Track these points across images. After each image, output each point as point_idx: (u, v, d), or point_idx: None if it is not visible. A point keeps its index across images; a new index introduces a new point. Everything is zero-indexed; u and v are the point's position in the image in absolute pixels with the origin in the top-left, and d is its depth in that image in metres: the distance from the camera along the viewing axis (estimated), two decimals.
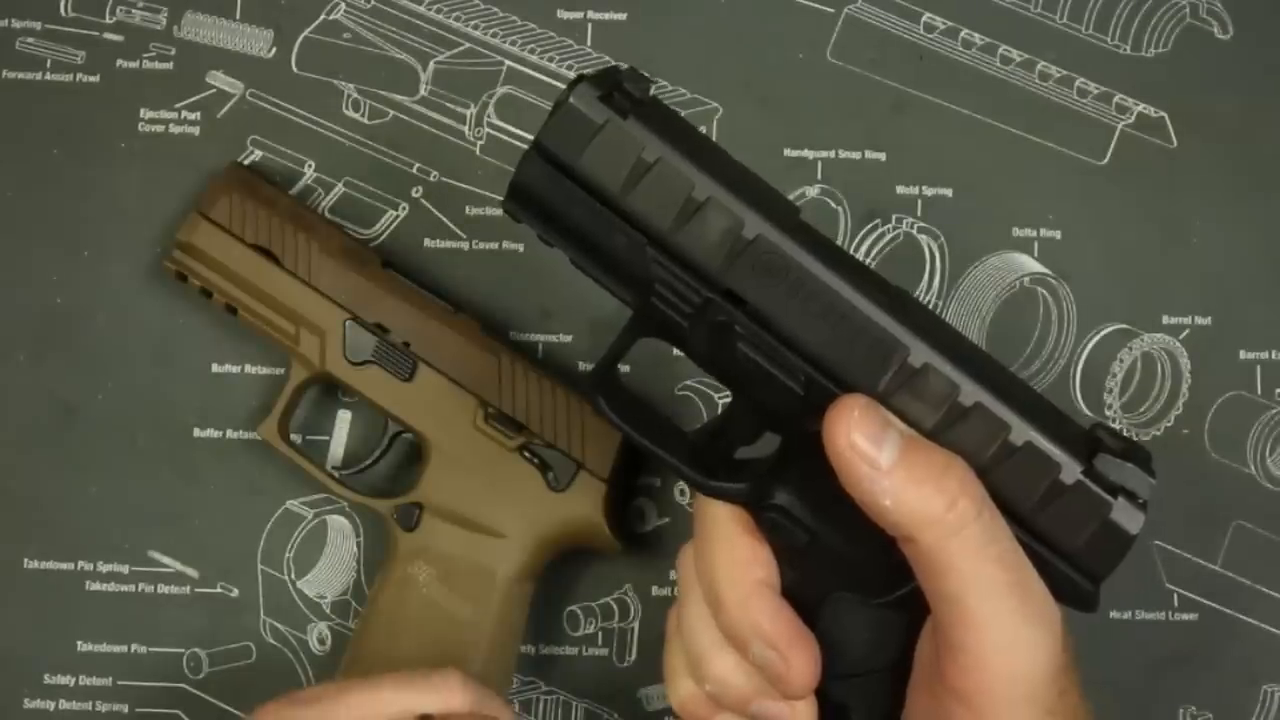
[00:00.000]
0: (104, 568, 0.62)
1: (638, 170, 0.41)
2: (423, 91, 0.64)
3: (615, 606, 0.61)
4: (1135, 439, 0.59)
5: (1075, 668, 0.42)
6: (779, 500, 0.44)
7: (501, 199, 0.44)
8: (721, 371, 0.44)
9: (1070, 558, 0.42)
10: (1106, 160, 0.63)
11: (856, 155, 0.63)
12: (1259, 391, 0.62)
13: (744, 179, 0.43)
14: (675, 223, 0.42)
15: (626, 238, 0.42)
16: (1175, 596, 0.61)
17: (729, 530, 0.45)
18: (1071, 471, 0.42)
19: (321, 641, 0.61)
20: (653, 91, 0.43)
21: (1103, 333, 0.62)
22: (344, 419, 0.62)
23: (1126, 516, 0.42)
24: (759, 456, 0.46)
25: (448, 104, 0.64)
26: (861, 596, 0.44)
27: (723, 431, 0.46)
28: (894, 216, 0.63)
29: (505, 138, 0.63)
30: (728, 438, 0.46)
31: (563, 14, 0.65)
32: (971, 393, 0.41)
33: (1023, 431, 0.42)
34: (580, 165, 0.42)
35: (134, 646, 0.61)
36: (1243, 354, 0.62)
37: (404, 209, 0.63)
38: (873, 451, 0.40)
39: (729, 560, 0.45)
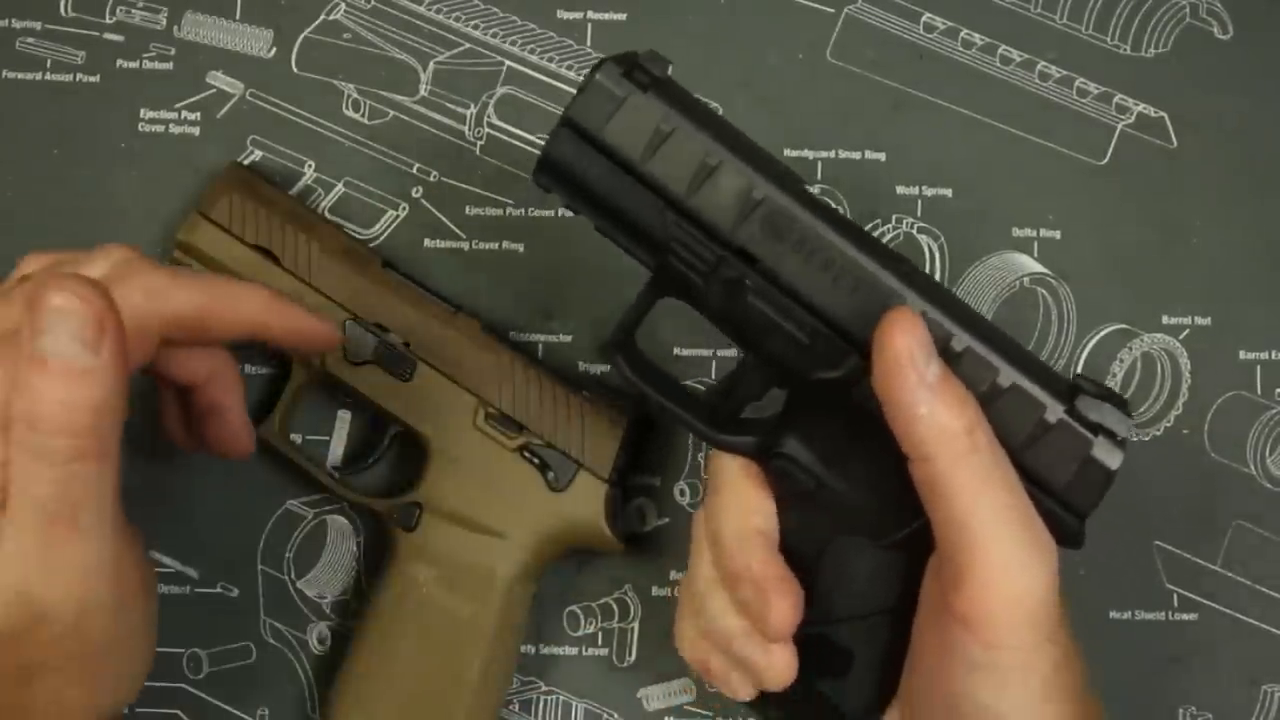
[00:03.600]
0: None
1: (656, 139, 0.45)
2: (423, 91, 0.64)
3: (615, 606, 0.61)
4: (1135, 438, 0.60)
5: (1066, 607, 0.44)
6: (786, 449, 0.48)
7: (530, 174, 0.48)
8: (733, 326, 0.48)
9: (1057, 495, 0.45)
10: (1106, 160, 0.63)
11: (856, 155, 0.63)
12: (1259, 391, 0.62)
13: (752, 149, 0.47)
14: (690, 186, 0.46)
15: (647, 201, 0.46)
16: (1175, 596, 0.61)
17: (737, 480, 0.49)
18: (1055, 411, 0.45)
19: (321, 641, 0.61)
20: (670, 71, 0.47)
21: (1103, 333, 0.62)
22: (344, 419, 0.62)
23: (1106, 453, 0.45)
24: (764, 416, 0.50)
25: (448, 104, 0.64)
26: (865, 539, 0.47)
27: (732, 391, 0.50)
28: (894, 216, 0.63)
29: (505, 138, 0.63)
30: (737, 396, 0.50)
31: (563, 14, 0.65)
32: (962, 338, 0.45)
33: (1010, 375, 0.45)
34: (604, 135, 0.46)
35: None
36: (1243, 354, 0.62)
37: (404, 209, 0.63)
38: (923, 362, 0.43)
39: (734, 507, 0.49)
